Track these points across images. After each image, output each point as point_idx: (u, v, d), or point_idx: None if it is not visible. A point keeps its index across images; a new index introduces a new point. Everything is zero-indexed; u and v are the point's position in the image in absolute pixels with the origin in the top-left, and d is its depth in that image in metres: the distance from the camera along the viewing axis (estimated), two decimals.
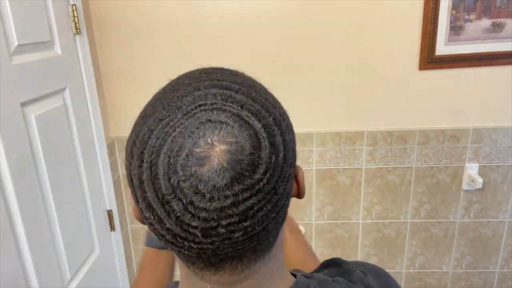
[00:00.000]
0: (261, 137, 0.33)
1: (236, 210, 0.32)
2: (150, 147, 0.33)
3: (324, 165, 1.60)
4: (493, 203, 1.62)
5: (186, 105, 0.34)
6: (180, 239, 0.34)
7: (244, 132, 0.33)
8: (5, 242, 0.96)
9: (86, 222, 1.38)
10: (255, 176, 0.33)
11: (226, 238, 0.34)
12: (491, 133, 1.52)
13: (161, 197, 0.33)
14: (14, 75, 1.01)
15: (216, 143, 0.32)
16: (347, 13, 1.41)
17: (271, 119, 0.35)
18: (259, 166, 0.33)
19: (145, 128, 0.35)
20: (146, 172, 0.33)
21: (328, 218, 1.67)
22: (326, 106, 1.53)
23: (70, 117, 1.28)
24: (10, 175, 0.97)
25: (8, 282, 0.97)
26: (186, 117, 0.33)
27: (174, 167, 0.32)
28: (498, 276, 1.73)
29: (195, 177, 0.32)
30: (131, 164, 0.35)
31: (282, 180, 0.35)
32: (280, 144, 0.35)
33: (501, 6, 1.37)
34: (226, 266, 0.38)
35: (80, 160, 1.33)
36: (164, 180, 0.32)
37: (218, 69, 0.40)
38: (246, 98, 0.35)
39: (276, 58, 1.47)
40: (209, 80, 0.37)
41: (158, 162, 0.33)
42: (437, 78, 1.48)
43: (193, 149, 0.32)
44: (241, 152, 0.32)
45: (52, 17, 1.19)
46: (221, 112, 0.33)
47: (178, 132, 0.33)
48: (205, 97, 0.34)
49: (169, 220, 0.33)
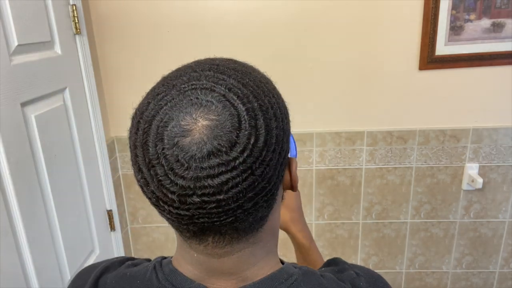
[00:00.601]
0: (243, 118, 0.36)
1: (211, 182, 0.35)
2: (145, 117, 0.38)
3: (324, 165, 1.60)
4: (493, 203, 1.62)
5: (180, 83, 0.38)
6: (162, 203, 0.38)
7: (227, 112, 0.36)
8: (5, 242, 0.96)
9: (86, 222, 1.38)
10: (231, 154, 0.35)
11: (200, 207, 0.37)
12: (491, 133, 1.52)
13: (148, 161, 0.37)
14: (14, 75, 1.01)
15: (199, 119, 0.35)
16: (347, 13, 1.41)
17: (256, 104, 0.38)
18: (236, 144, 0.35)
19: (145, 101, 0.39)
20: (139, 138, 0.38)
21: (328, 218, 1.67)
22: (326, 106, 1.53)
23: (70, 117, 1.28)
24: (10, 175, 0.97)
25: (8, 282, 0.97)
26: (178, 93, 0.37)
27: (161, 135, 0.36)
28: (498, 276, 1.73)
29: (178, 147, 0.35)
30: (131, 131, 0.40)
31: (261, 163, 0.37)
32: (261, 128, 0.37)
33: (501, 6, 1.37)
34: (209, 239, 0.41)
35: (80, 160, 1.33)
36: (151, 147, 0.36)
37: (226, 58, 0.44)
38: (237, 82, 0.38)
39: (276, 58, 1.47)
40: (209, 64, 0.41)
41: (150, 130, 0.37)
42: (437, 78, 1.48)
43: (179, 122, 0.36)
44: (220, 129, 0.35)
45: (52, 17, 1.19)
46: (209, 92, 0.37)
47: (170, 106, 0.37)
48: (198, 78, 0.38)
49: (153, 183, 0.37)
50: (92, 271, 0.50)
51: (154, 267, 0.46)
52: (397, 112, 1.53)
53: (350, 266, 0.51)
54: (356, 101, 1.52)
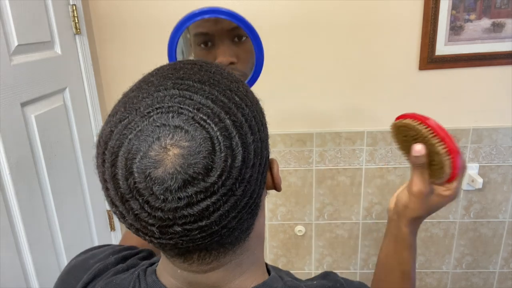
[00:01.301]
0: (216, 141, 0.33)
1: (191, 211, 0.33)
2: (110, 148, 0.35)
3: (324, 165, 1.60)
4: (493, 203, 1.62)
5: (144, 107, 0.35)
6: (142, 234, 0.36)
7: (199, 136, 0.33)
8: (5, 242, 0.96)
9: (86, 222, 1.38)
10: (209, 180, 0.33)
11: (184, 235, 0.35)
12: (491, 133, 1.52)
13: (120, 196, 0.34)
14: (14, 75, 1.01)
15: (169, 147, 0.33)
16: (347, 13, 1.41)
17: (229, 121, 0.35)
18: (212, 169, 0.33)
19: (107, 129, 0.36)
20: (107, 171, 0.35)
21: (328, 218, 1.67)
22: (326, 106, 1.53)
23: (70, 117, 1.29)
24: (10, 175, 0.97)
25: (8, 282, 0.97)
26: (143, 119, 0.34)
27: (131, 169, 0.33)
28: (498, 276, 1.73)
29: (150, 179, 0.33)
30: (97, 162, 0.37)
31: (241, 182, 0.35)
32: (238, 147, 0.35)
33: (501, 6, 1.37)
34: (194, 256, 0.39)
35: (80, 160, 1.33)
36: (122, 181, 0.34)
37: (189, 64, 0.41)
38: (205, 99, 0.35)
39: (276, 58, 1.47)
40: (173, 78, 0.37)
41: (117, 163, 0.34)
42: (437, 78, 1.48)
43: (147, 152, 0.33)
44: (194, 156, 0.33)
45: (52, 17, 1.19)
46: (177, 115, 0.34)
47: (134, 134, 0.34)
48: (162, 99, 0.35)
49: (129, 216, 0.35)
50: (82, 272, 0.50)
51: (138, 275, 0.45)
52: (397, 112, 1.52)
53: (339, 280, 0.49)
54: (356, 101, 1.52)
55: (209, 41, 0.72)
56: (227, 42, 0.72)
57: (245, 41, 0.73)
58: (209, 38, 0.72)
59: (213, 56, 0.73)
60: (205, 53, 0.74)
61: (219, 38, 0.72)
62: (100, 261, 0.51)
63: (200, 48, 0.74)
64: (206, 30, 0.71)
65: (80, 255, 0.56)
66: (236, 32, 0.72)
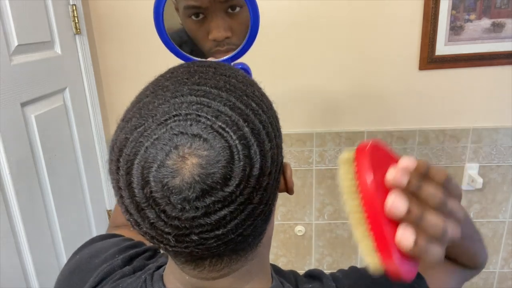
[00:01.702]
0: (235, 149, 0.33)
1: (208, 220, 0.33)
2: (125, 155, 0.34)
3: (324, 165, 1.59)
4: (493, 203, 1.62)
5: (160, 114, 0.34)
6: (157, 241, 0.35)
7: (217, 145, 0.32)
8: (5, 242, 0.96)
9: (86, 222, 1.38)
10: (227, 189, 0.32)
11: (200, 244, 0.34)
12: (491, 133, 1.52)
13: (136, 204, 0.34)
14: (14, 75, 1.01)
15: (187, 156, 0.32)
16: (347, 13, 1.41)
17: (248, 129, 0.34)
18: (231, 179, 0.32)
19: (122, 135, 0.35)
20: (122, 179, 0.34)
21: (328, 218, 1.67)
22: (326, 106, 1.53)
23: (70, 117, 1.29)
24: (10, 175, 0.97)
25: (8, 282, 0.97)
26: (160, 127, 0.33)
27: (147, 178, 0.32)
28: (498, 276, 1.73)
29: (167, 189, 0.32)
30: (111, 169, 0.36)
31: (258, 190, 0.34)
32: (256, 156, 0.34)
33: (501, 6, 1.37)
34: (205, 263, 0.39)
35: (80, 160, 1.33)
36: (138, 190, 0.33)
37: (204, 67, 0.39)
38: (223, 106, 0.34)
39: (276, 58, 1.47)
40: (189, 83, 0.36)
41: (132, 171, 0.33)
42: (437, 78, 1.47)
43: (165, 161, 0.32)
44: (212, 165, 0.32)
45: (52, 17, 1.19)
46: (195, 124, 0.33)
47: (151, 142, 0.33)
48: (180, 106, 0.34)
49: (145, 224, 0.34)
50: (88, 273, 0.49)
51: (145, 280, 0.45)
52: (397, 112, 1.53)
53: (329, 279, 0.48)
54: (356, 101, 1.52)
55: (201, 13, 0.67)
56: (220, 14, 0.67)
57: (239, 12, 0.67)
58: (201, 11, 0.67)
59: (206, 29, 0.68)
60: (197, 26, 0.68)
61: (211, 10, 0.66)
62: (106, 261, 0.50)
63: (191, 20, 0.68)
64: (199, 3, 0.66)
65: (83, 249, 0.55)
66: (229, 3, 0.66)
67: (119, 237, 0.58)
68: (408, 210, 0.31)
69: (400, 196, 0.32)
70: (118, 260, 0.50)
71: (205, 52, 0.70)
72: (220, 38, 0.67)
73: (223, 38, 0.67)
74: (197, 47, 0.70)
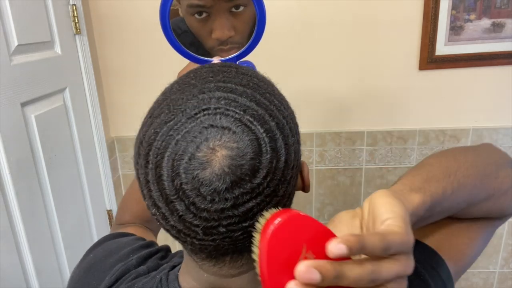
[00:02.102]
0: (263, 142, 0.34)
1: (236, 212, 0.34)
2: (155, 149, 0.35)
3: (324, 165, 1.60)
4: None
5: (190, 108, 0.35)
6: (183, 235, 0.36)
7: (246, 138, 0.33)
8: (5, 242, 0.96)
9: (86, 222, 1.38)
10: (255, 181, 0.33)
11: (227, 237, 0.35)
12: (491, 133, 1.52)
13: (165, 197, 0.34)
14: (14, 75, 1.01)
15: (217, 148, 0.33)
16: (347, 13, 1.41)
17: (273, 123, 0.36)
18: (259, 171, 0.34)
19: (151, 130, 0.36)
20: (151, 172, 0.35)
21: (328, 218, 1.67)
22: (326, 106, 1.53)
23: (70, 117, 1.28)
24: (10, 175, 0.97)
25: (8, 282, 0.97)
26: (190, 121, 0.34)
27: (177, 170, 0.33)
28: (498, 276, 1.73)
29: (197, 180, 0.33)
30: (138, 163, 0.37)
31: (283, 183, 0.36)
32: (281, 149, 0.35)
33: (501, 6, 1.37)
34: (226, 259, 0.39)
35: (80, 160, 1.33)
36: (168, 182, 0.34)
37: (226, 67, 0.41)
38: (249, 102, 0.36)
39: (276, 58, 1.47)
40: (214, 81, 0.37)
41: (162, 164, 0.34)
42: (437, 78, 1.47)
43: (195, 153, 0.33)
44: (242, 157, 0.33)
45: (52, 17, 1.19)
46: (224, 117, 0.34)
47: (182, 136, 0.34)
48: (208, 101, 0.35)
49: (173, 217, 0.35)
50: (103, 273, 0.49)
51: (160, 281, 0.45)
52: (397, 112, 1.53)
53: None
54: (356, 101, 1.52)
55: (204, 11, 0.67)
56: (224, 13, 0.66)
57: (243, 11, 0.68)
58: (205, 9, 0.67)
59: (209, 28, 0.68)
60: (200, 24, 0.68)
61: (215, 9, 0.66)
62: (120, 261, 0.51)
63: (194, 18, 0.68)
64: (203, 2, 0.66)
65: (96, 248, 0.55)
66: (234, 2, 0.66)
67: (131, 236, 0.59)
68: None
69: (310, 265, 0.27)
70: (133, 260, 0.50)
71: (208, 49, 0.70)
72: (223, 37, 0.67)
73: (226, 37, 0.67)
74: (199, 43, 0.70)
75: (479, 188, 0.44)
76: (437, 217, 0.42)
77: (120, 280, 0.48)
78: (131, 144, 1.59)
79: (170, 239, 0.39)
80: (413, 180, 0.39)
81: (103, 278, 0.49)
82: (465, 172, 0.42)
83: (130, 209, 0.72)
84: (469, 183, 0.42)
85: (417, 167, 0.43)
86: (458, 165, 0.43)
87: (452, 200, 0.41)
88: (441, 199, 0.39)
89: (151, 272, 0.48)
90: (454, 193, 0.40)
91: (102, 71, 1.52)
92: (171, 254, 0.54)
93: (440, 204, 0.39)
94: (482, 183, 0.44)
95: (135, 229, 0.64)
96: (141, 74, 1.51)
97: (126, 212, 0.73)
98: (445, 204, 0.40)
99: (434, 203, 0.38)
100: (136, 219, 0.71)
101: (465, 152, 0.47)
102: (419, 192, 0.37)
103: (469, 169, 0.43)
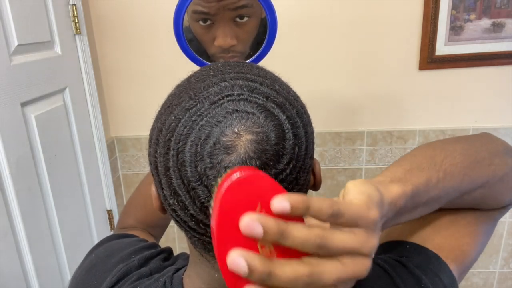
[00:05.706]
0: (286, 128, 0.34)
1: None
2: (177, 135, 0.34)
3: (324, 165, 1.60)
4: None
5: (213, 95, 0.35)
6: (202, 225, 0.35)
7: (270, 123, 0.33)
8: (5, 242, 0.96)
9: (86, 222, 1.38)
10: (279, 166, 0.33)
11: None
12: (491, 133, 1.52)
13: (187, 184, 0.34)
14: (14, 75, 1.01)
15: (242, 133, 0.33)
16: (347, 13, 1.41)
17: (294, 111, 0.36)
18: (283, 156, 0.33)
19: (171, 117, 0.35)
20: (172, 159, 0.34)
21: None
22: (326, 106, 1.53)
23: (70, 117, 1.28)
24: (10, 175, 0.97)
25: (8, 282, 0.97)
26: (213, 106, 0.34)
27: (201, 154, 0.33)
28: (498, 276, 1.73)
29: (222, 165, 0.32)
30: (157, 151, 0.36)
31: (304, 171, 0.36)
32: (302, 136, 0.35)
33: (501, 6, 1.37)
34: None
35: (80, 160, 1.33)
36: (190, 167, 0.33)
37: (240, 63, 0.41)
38: (270, 90, 0.36)
39: (275, 58, 1.46)
40: (233, 72, 0.37)
41: (185, 149, 0.33)
42: (437, 78, 1.47)
43: (220, 138, 0.32)
44: (266, 142, 0.33)
45: (52, 17, 1.19)
46: (247, 103, 0.34)
47: (206, 121, 0.33)
48: (231, 88, 0.35)
49: (194, 206, 0.34)
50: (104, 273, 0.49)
51: (164, 283, 0.44)
52: (397, 112, 1.53)
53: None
54: (356, 101, 1.52)
55: (209, 19, 0.69)
56: (228, 22, 0.68)
57: (246, 22, 0.71)
58: (209, 17, 0.68)
59: (212, 35, 0.69)
60: (204, 31, 0.70)
61: (219, 17, 0.68)
62: (122, 261, 0.50)
63: (198, 24, 0.70)
64: (207, 10, 0.67)
65: (98, 248, 0.55)
66: (238, 12, 0.68)
67: (133, 237, 0.58)
68: (251, 270, 0.25)
69: (239, 255, 0.25)
70: (135, 261, 0.50)
71: (210, 56, 0.72)
72: (225, 45, 0.69)
73: (228, 46, 0.69)
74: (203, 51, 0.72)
75: (470, 176, 0.42)
76: (426, 208, 0.40)
77: (122, 281, 0.48)
78: (131, 144, 1.60)
79: (170, 243, 0.39)
80: (394, 171, 0.38)
81: (104, 279, 0.48)
82: (452, 160, 0.41)
83: (134, 213, 0.72)
84: (457, 171, 0.41)
85: (401, 158, 0.43)
86: (445, 154, 0.42)
87: (440, 189, 0.39)
88: (425, 189, 0.38)
89: (154, 274, 0.48)
90: (440, 182, 0.39)
91: (102, 71, 1.52)
92: (174, 256, 0.54)
93: (426, 193, 0.38)
94: (473, 170, 0.42)
95: (138, 233, 0.64)
96: (141, 74, 1.51)
97: (130, 217, 0.72)
98: (431, 193, 0.39)
99: (417, 192, 0.36)
100: (140, 224, 0.70)
101: (456, 142, 0.46)
102: (400, 182, 0.36)
103: (457, 157, 0.42)
